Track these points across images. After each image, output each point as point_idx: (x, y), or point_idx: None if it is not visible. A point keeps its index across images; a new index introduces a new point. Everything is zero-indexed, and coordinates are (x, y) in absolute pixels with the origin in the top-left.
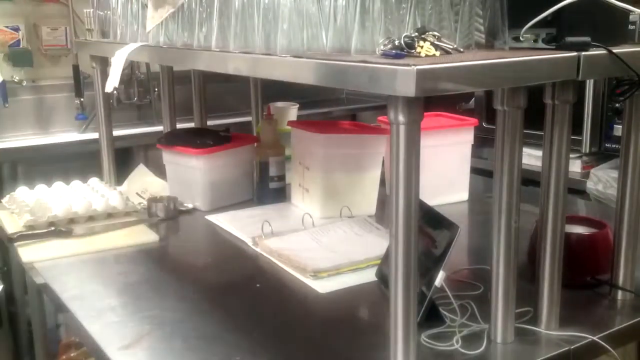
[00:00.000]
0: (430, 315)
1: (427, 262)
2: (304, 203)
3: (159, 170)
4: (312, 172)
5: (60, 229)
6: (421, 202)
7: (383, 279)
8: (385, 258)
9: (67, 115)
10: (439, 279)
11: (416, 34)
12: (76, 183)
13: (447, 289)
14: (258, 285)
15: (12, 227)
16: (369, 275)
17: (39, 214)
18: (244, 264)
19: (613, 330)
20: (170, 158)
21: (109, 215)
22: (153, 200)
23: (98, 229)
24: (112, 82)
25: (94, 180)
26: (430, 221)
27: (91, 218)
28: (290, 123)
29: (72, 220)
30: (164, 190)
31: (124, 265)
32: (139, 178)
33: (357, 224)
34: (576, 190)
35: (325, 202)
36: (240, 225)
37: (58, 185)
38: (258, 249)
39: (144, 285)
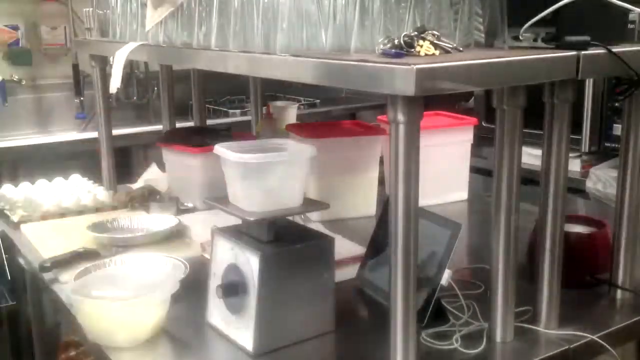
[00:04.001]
0: (435, 314)
1: (429, 261)
2: None
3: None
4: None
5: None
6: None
7: (365, 281)
8: (365, 261)
9: (67, 115)
10: (445, 277)
11: (416, 33)
12: (59, 180)
13: (455, 287)
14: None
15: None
16: None
17: (30, 209)
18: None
19: (612, 329)
20: (169, 156)
21: (97, 209)
22: (153, 199)
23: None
24: (115, 83)
25: (76, 177)
26: (431, 221)
27: (80, 212)
28: (288, 127)
29: (62, 215)
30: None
31: None
32: (151, 177)
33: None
34: (576, 189)
35: None
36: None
37: (41, 182)
38: (206, 255)
39: None
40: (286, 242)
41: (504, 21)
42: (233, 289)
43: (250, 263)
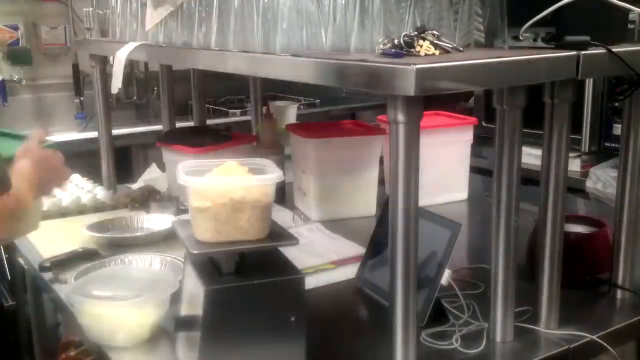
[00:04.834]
0: (435, 314)
1: (429, 261)
2: (303, 205)
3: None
4: (307, 176)
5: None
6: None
7: (365, 281)
8: (365, 261)
9: (67, 114)
10: (445, 277)
11: (416, 33)
12: None
13: (455, 287)
14: None
15: None
16: (315, 281)
17: None
18: None
19: (612, 329)
20: (169, 156)
21: (97, 209)
22: (153, 199)
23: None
24: (117, 83)
25: (75, 177)
26: (431, 221)
27: (80, 212)
28: (288, 127)
29: (62, 215)
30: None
31: None
32: (151, 177)
33: (306, 230)
34: (575, 189)
35: (320, 204)
36: None
37: None
38: None
39: None
40: (244, 277)
41: (504, 21)
42: (187, 322)
43: (200, 297)
